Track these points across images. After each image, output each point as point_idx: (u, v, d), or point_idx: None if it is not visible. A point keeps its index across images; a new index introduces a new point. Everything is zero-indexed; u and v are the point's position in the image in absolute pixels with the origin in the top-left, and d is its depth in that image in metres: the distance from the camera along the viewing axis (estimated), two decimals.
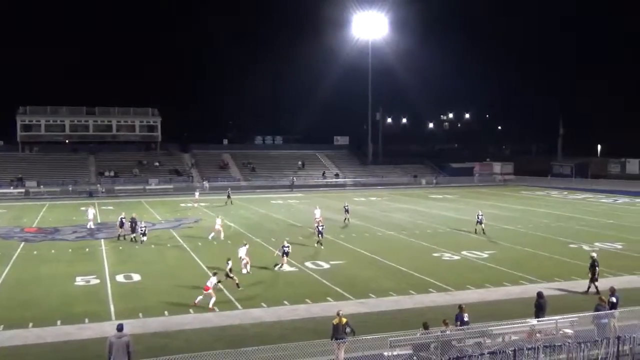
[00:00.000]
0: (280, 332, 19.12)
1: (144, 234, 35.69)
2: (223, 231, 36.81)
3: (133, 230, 36.10)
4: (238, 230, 40.38)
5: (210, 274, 23.78)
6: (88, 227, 41.63)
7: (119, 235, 36.70)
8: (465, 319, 16.92)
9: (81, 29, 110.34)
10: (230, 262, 24.67)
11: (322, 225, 35.03)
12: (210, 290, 21.97)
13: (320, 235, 34.24)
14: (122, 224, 36.81)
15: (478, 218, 38.74)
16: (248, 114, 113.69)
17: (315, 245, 34.11)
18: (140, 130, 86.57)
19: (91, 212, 43.34)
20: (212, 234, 36.70)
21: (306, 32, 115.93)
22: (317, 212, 40.53)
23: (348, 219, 43.99)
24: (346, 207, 44.56)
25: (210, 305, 21.72)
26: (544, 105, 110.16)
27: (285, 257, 28.41)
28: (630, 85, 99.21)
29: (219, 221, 37.30)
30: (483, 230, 38.29)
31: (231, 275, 24.49)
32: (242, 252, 27.74)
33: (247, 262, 27.37)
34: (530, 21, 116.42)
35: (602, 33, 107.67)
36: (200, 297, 22.09)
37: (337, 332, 16.33)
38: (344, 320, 16.53)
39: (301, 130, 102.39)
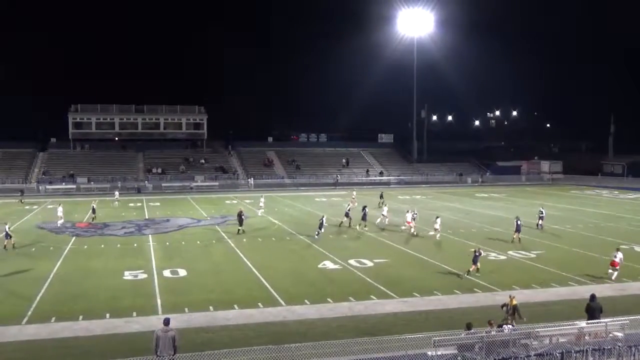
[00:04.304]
0: (323, 329, 19.15)
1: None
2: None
3: (240, 222, 37.85)
4: (282, 227, 40.63)
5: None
6: (260, 213, 46.38)
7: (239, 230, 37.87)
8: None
9: (130, 30, 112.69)
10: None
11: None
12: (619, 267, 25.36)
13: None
14: (241, 218, 38.32)
15: (540, 214, 39.77)
16: (293, 112, 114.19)
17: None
18: (187, 128, 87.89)
19: (262, 200, 48.70)
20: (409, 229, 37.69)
21: (351, 29, 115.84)
22: (409, 216, 38.56)
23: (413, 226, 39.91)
24: (414, 215, 39.39)
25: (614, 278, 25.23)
26: (594, 102, 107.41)
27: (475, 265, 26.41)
28: None
29: (409, 216, 38.31)
30: (538, 225, 39.33)
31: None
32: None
33: None
34: (580, 18, 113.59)
35: None
36: (612, 272, 25.46)
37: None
38: (513, 302, 18.02)
39: (345, 128, 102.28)
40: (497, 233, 38.26)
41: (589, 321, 17.24)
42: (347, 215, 40.38)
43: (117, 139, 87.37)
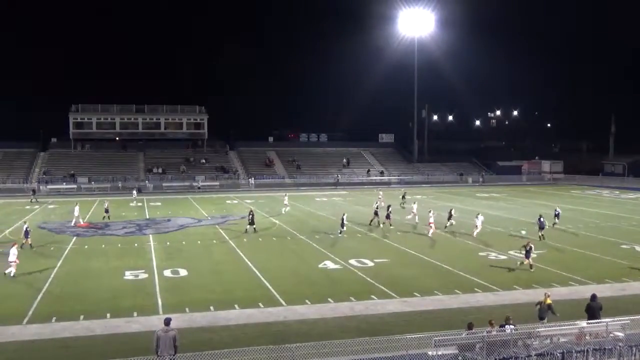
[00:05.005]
0: (323, 329, 19.14)
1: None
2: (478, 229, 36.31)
3: (251, 222, 38.34)
4: (282, 227, 40.64)
5: None
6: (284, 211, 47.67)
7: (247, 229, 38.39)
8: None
9: (130, 30, 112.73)
10: None
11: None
12: None
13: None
14: (252, 217, 38.78)
15: (555, 212, 40.43)
16: (293, 112, 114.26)
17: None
18: (188, 128, 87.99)
19: (286, 198, 50.02)
20: (476, 232, 36.26)
21: (352, 29, 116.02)
22: (432, 217, 37.72)
23: (452, 223, 39.72)
24: (451, 213, 40.33)
25: None
26: (595, 102, 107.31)
27: (528, 260, 27.16)
28: None
29: (480, 220, 36.74)
30: (554, 224, 39.46)
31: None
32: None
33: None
34: (582, 18, 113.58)
35: None
36: None
37: (541, 312, 18.19)
38: (547, 301, 18.13)
39: (346, 128, 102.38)
40: (497, 233, 38.22)
41: (589, 321, 17.25)
42: (376, 213, 41.17)
43: (117, 138, 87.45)
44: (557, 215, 40.38)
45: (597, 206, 53.73)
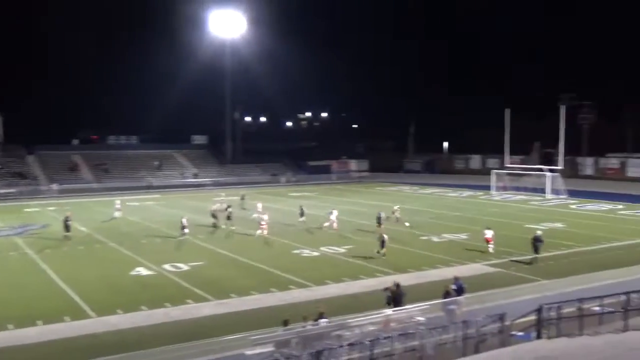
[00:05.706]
0: (137, 338, 18.39)
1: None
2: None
3: (67, 229, 35.91)
4: (91, 235, 38.37)
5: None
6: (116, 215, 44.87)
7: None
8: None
9: None
10: None
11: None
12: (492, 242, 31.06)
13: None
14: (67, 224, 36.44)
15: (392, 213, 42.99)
16: (101, 113, 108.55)
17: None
18: None
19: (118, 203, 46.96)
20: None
21: (161, 30, 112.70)
22: (333, 216, 39.38)
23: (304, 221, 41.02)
24: (302, 210, 42.09)
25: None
26: (398, 104, 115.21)
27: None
28: (470, 88, 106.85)
29: (334, 214, 39.43)
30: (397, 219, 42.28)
31: None
32: None
33: None
34: (384, 24, 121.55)
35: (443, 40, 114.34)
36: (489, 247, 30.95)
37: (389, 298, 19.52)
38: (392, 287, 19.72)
39: (158, 130, 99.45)
40: (310, 230, 39.36)
41: (394, 309, 18.53)
42: (213, 216, 40.91)
43: None
44: (394, 212, 43.09)
45: (400, 201, 57.41)
